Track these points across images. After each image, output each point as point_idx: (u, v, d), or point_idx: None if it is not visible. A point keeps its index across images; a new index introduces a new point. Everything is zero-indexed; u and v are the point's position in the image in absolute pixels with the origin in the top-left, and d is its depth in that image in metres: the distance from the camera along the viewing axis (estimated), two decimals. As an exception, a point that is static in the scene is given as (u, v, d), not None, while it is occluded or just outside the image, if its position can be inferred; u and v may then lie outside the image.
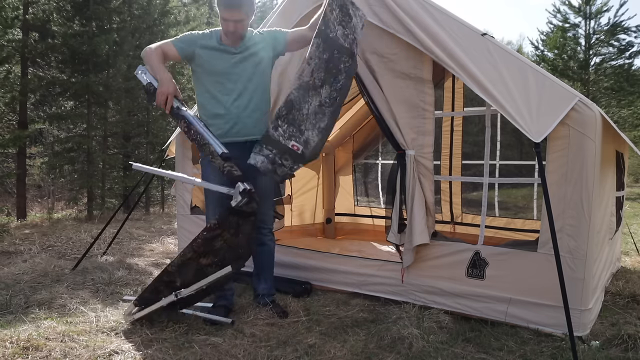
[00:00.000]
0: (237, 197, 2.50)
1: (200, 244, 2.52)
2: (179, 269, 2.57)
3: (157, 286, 2.61)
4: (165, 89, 2.60)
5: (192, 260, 2.55)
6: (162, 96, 2.59)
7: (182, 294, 2.56)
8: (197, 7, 11.50)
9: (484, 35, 2.76)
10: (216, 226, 2.53)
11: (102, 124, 8.24)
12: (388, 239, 3.13)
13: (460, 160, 4.91)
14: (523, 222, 4.71)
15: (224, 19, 2.65)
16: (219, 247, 2.57)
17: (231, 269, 2.47)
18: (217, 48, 2.75)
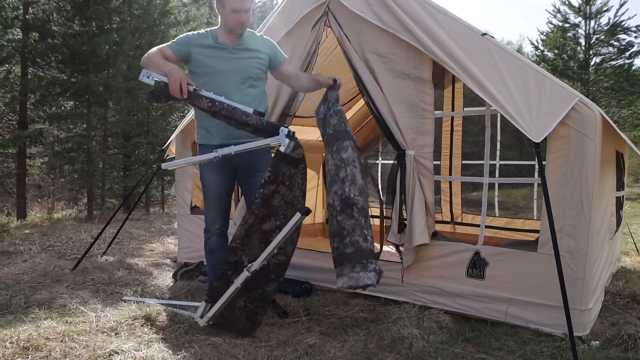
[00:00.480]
0: (284, 141, 2.44)
1: (260, 204, 2.43)
2: (243, 242, 2.46)
3: (224, 270, 2.49)
4: (176, 76, 2.54)
5: (254, 227, 2.46)
6: (176, 84, 2.54)
7: (254, 266, 2.42)
8: (197, 7, 11.49)
9: (484, 35, 2.76)
10: (271, 179, 2.44)
11: (102, 124, 8.23)
12: (388, 239, 3.13)
13: (460, 160, 4.91)
14: (523, 222, 4.71)
15: (236, 10, 2.62)
16: (277, 205, 2.48)
17: (300, 213, 2.36)
18: (214, 46, 2.74)
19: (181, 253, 4.26)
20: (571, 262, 2.59)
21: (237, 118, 2.52)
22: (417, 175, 3.01)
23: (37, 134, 9.87)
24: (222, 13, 2.69)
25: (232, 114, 2.53)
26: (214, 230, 2.87)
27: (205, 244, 2.91)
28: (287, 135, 2.45)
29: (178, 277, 3.73)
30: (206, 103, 2.56)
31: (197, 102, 2.59)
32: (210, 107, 2.55)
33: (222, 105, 2.54)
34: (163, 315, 2.81)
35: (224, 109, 2.53)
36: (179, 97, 2.56)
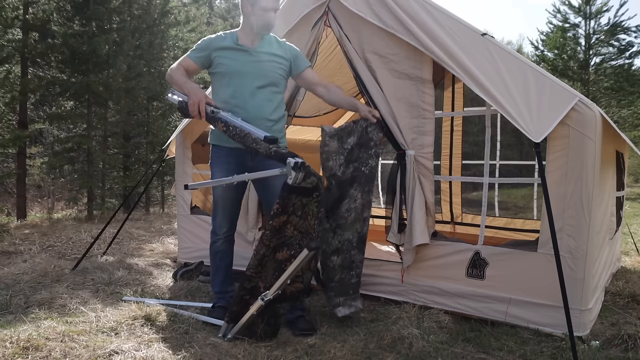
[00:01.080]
0: (291, 173, 2.32)
1: (270, 235, 2.39)
2: (257, 271, 2.43)
3: (242, 295, 2.48)
4: (195, 98, 2.56)
5: (268, 257, 2.42)
6: (194, 106, 2.56)
7: (267, 297, 2.40)
8: (197, 7, 11.49)
9: (484, 35, 2.76)
10: (279, 211, 2.36)
11: (102, 124, 8.23)
12: (388, 239, 3.13)
13: (460, 160, 4.91)
14: (523, 222, 4.71)
15: (266, 9, 2.61)
16: (290, 235, 2.43)
17: (307, 251, 2.27)
18: (235, 48, 2.71)
19: (181, 253, 4.26)
20: (571, 262, 2.59)
21: (248, 145, 2.50)
22: (418, 175, 3.01)
23: (37, 134, 9.86)
24: (250, 12, 2.66)
25: (244, 140, 2.51)
26: (221, 234, 2.85)
27: (211, 246, 2.89)
28: (294, 167, 2.31)
29: (178, 277, 3.73)
30: (221, 126, 2.57)
31: (213, 124, 2.62)
32: (225, 131, 2.57)
33: (235, 131, 2.52)
34: (163, 315, 2.81)
35: (236, 135, 2.52)
36: (198, 118, 2.60)
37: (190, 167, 4.24)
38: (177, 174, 4.32)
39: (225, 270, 2.90)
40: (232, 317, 2.52)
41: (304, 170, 2.33)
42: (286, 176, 2.35)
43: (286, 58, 2.78)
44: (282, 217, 2.38)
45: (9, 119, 7.73)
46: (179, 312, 2.85)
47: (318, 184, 2.41)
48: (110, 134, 8.51)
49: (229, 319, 2.53)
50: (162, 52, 9.43)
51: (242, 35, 2.74)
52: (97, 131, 8.20)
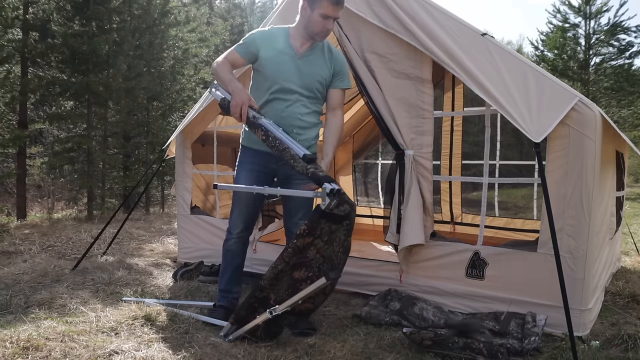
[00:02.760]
0: (325, 199, 2.28)
1: (291, 253, 2.34)
2: (272, 284, 2.40)
3: (252, 303, 2.46)
4: (238, 100, 2.50)
5: (285, 273, 2.37)
6: (237, 108, 2.50)
7: (276, 311, 2.36)
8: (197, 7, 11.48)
9: (484, 35, 2.76)
10: (306, 232, 2.30)
11: (102, 124, 8.23)
12: (386, 239, 3.13)
13: (460, 160, 4.91)
14: (523, 222, 4.71)
15: (327, 15, 2.51)
16: (311, 257, 2.36)
17: (325, 279, 2.22)
18: (282, 51, 2.64)
19: (181, 253, 4.26)
20: (571, 262, 2.59)
21: (285, 157, 2.45)
22: (416, 175, 3.01)
23: (37, 134, 9.87)
24: (307, 15, 2.56)
25: (282, 152, 2.45)
26: (235, 234, 2.84)
27: (224, 243, 2.90)
28: (329, 194, 2.27)
29: (178, 277, 3.73)
30: (261, 135, 2.51)
31: (253, 129, 2.56)
32: (264, 140, 2.50)
33: (274, 142, 2.46)
34: (163, 315, 2.81)
35: (275, 146, 2.46)
36: (238, 121, 2.55)
37: (190, 167, 4.24)
38: (177, 174, 4.32)
39: (234, 271, 2.89)
40: (238, 320, 2.50)
41: (338, 198, 2.29)
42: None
43: (329, 69, 2.69)
44: (308, 239, 2.33)
45: (9, 119, 7.72)
46: (179, 312, 2.84)
47: (350, 213, 2.36)
48: (110, 134, 8.51)
49: (233, 321, 2.51)
50: (162, 52, 9.43)
51: (295, 35, 2.66)
52: (97, 131, 8.20)
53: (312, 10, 2.53)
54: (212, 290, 3.43)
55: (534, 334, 2.46)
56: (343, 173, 5.64)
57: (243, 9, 28.19)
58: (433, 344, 2.36)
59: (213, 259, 3.89)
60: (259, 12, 29.30)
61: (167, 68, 9.55)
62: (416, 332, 2.43)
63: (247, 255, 3.01)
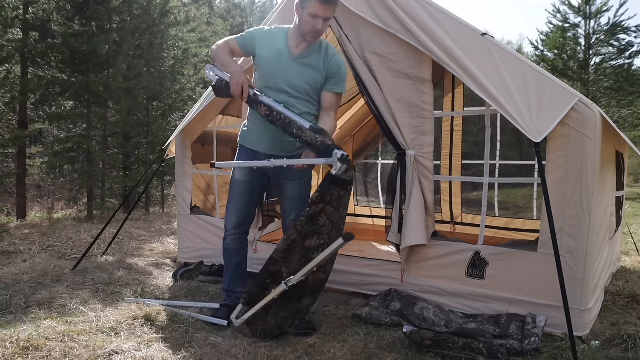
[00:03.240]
0: (336, 164, 2.35)
1: (304, 222, 2.40)
2: (284, 256, 2.43)
3: (264, 279, 2.47)
4: (239, 79, 2.53)
5: (297, 243, 2.42)
6: (238, 86, 2.52)
7: (291, 282, 2.39)
8: (197, 7, 11.48)
9: (484, 35, 2.76)
10: (318, 199, 2.39)
11: (102, 124, 8.23)
12: (388, 239, 3.13)
13: (460, 160, 4.91)
14: (523, 222, 4.71)
15: (315, 15, 2.50)
16: (322, 224, 2.44)
17: (343, 240, 2.26)
18: (279, 50, 2.66)
19: (181, 253, 4.26)
20: (571, 262, 2.59)
21: (290, 131, 2.47)
22: (418, 175, 3.01)
23: (37, 134, 9.86)
24: (299, 15, 2.59)
25: (288, 126, 2.47)
26: (229, 230, 2.86)
27: (223, 242, 2.92)
28: (340, 159, 2.34)
29: (178, 277, 3.73)
30: (264, 110, 2.52)
31: (255, 106, 2.57)
32: (268, 115, 2.52)
33: (279, 116, 2.49)
34: (163, 315, 2.81)
35: (280, 120, 2.48)
36: (240, 99, 2.57)
37: (190, 167, 4.24)
38: (177, 174, 4.32)
39: (234, 270, 2.90)
40: (249, 300, 2.50)
41: (347, 163, 2.37)
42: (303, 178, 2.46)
43: (322, 72, 2.67)
44: (320, 206, 2.41)
45: (9, 119, 7.72)
46: (179, 312, 2.84)
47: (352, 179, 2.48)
48: (110, 134, 8.51)
49: (245, 302, 2.51)
50: (162, 52, 9.43)
51: (292, 35, 2.68)
52: (97, 131, 8.20)
53: (303, 10, 2.56)
54: (212, 290, 3.43)
55: (534, 334, 2.46)
56: (343, 173, 5.63)
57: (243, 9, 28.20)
58: (433, 344, 2.36)
59: (213, 259, 3.89)
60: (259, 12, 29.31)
61: (167, 68, 9.55)
62: (416, 332, 2.43)
63: (247, 255, 3.02)
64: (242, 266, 2.93)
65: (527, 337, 2.45)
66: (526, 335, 2.46)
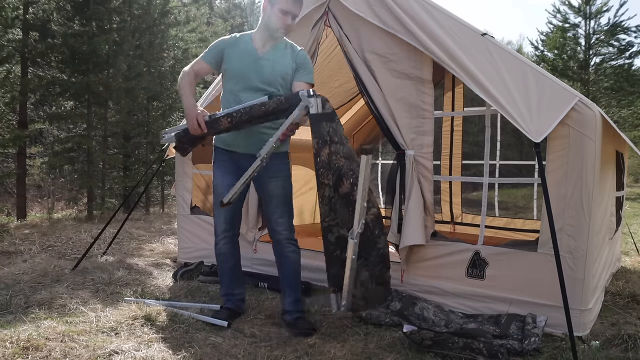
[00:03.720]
0: (310, 102, 2.37)
1: (324, 172, 2.36)
2: (332, 217, 2.38)
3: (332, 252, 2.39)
4: (191, 112, 2.59)
5: (333, 197, 2.38)
6: (193, 120, 2.58)
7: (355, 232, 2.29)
8: (197, 7, 11.49)
9: (484, 35, 2.76)
10: (319, 143, 2.37)
11: (102, 124, 8.23)
12: (387, 238, 3.12)
13: (460, 160, 4.91)
14: (523, 222, 4.71)
15: (285, 11, 2.60)
16: (341, 164, 2.40)
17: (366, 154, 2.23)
18: (244, 49, 2.70)
19: (181, 253, 4.26)
20: (571, 262, 2.59)
21: (258, 114, 2.47)
22: (417, 175, 3.01)
23: (37, 134, 9.86)
24: (268, 12, 2.65)
25: (252, 113, 2.48)
26: (220, 233, 2.84)
27: (214, 248, 2.89)
28: (309, 96, 2.37)
29: (178, 277, 3.73)
30: (225, 122, 2.53)
31: (217, 127, 2.58)
32: (231, 121, 2.52)
33: (240, 113, 2.50)
34: (163, 315, 2.81)
35: (243, 114, 2.49)
36: (200, 133, 2.59)
37: (191, 167, 4.24)
38: (177, 174, 4.32)
39: (230, 273, 2.89)
40: (336, 282, 2.39)
41: (319, 97, 2.38)
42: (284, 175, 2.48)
43: (292, 64, 2.71)
44: (325, 149, 2.37)
45: (9, 119, 7.72)
46: (179, 312, 2.84)
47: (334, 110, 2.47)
48: (110, 134, 8.51)
49: (334, 288, 2.42)
50: (162, 52, 9.43)
51: (257, 37, 2.73)
52: (97, 131, 8.20)
53: (272, 7, 2.63)
54: (212, 290, 3.43)
55: (534, 334, 2.47)
56: (343, 173, 5.63)
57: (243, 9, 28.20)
58: (433, 344, 2.36)
59: (213, 259, 3.86)
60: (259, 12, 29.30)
61: (167, 68, 9.55)
62: (416, 332, 2.43)
63: (247, 255, 3.01)
64: (236, 268, 2.92)
65: (527, 337, 2.45)
66: (526, 335, 2.46)
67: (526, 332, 2.49)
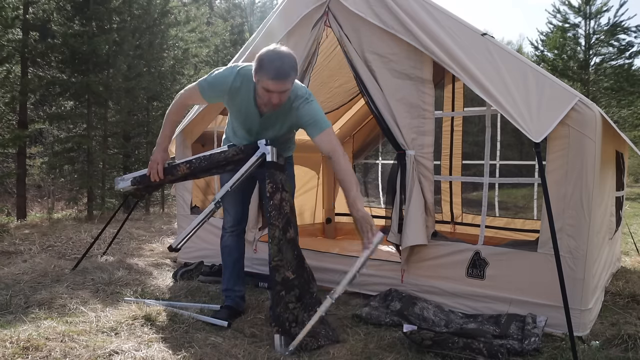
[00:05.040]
0: (266, 149, 2.51)
1: (275, 215, 2.44)
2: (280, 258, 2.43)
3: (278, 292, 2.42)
4: (156, 158, 2.63)
5: (282, 240, 2.45)
6: (153, 164, 2.63)
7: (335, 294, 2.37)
8: (197, 7, 11.48)
9: (484, 35, 2.76)
10: (274, 188, 2.47)
11: (102, 124, 8.23)
12: (388, 239, 3.12)
13: (461, 160, 4.91)
14: (523, 222, 4.71)
15: (268, 90, 2.33)
16: (287, 212, 2.51)
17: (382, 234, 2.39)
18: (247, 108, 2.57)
19: (181, 253, 4.26)
20: (571, 262, 2.59)
21: (217, 162, 2.58)
22: (418, 175, 3.01)
23: (37, 134, 9.85)
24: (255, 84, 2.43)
25: (211, 161, 2.59)
26: (227, 227, 2.92)
27: (220, 241, 2.96)
28: (266, 144, 2.52)
29: (178, 277, 3.73)
30: (184, 168, 2.63)
31: (175, 173, 2.66)
32: (189, 167, 2.62)
33: (199, 160, 2.60)
34: (163, 315, 2.81)
35: (202, 161, 2.59)
36: (157, 179, 2.64)
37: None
38: (177, 174, 4.32)
39: (233, 267, 2.91)
40: (280, 323, 2.39)
41: (274, 146, 2.55)
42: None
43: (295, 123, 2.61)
44: (278, 194, 2.49)
45: (9, 119, 7.72)
46: (179, 312, 2.84)
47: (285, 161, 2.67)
48: (110, 134, 8.51)
49: (278, 329, 2.39)
50: (162, 52, 9.42)
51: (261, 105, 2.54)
52: (97, 131, 8.19)
53: (257, 82, 2.38)
54: (212, 290, 3.43)
55: (534, 334, 2.46)
56: (343, 173, 5.63)
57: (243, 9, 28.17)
58: (433, 344, 2.36)
59: (213, 259, 3.89)
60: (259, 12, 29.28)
61: (167, 68, 9.55)
62: (416, 332, 2.43)
63: (247, 255, 3.02)
64: (240, 263, 2.95)
65: (527, 337, 2.45)
66: (526, 335, 2.46)
67: (526, 332, 2.49)
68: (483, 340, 2.33)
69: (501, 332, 2.51)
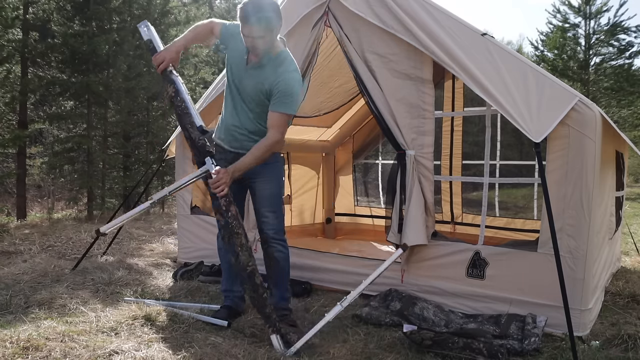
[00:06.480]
0: (212, 168, 2.53)
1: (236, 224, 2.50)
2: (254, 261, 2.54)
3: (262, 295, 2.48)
4: (165, 54, 2.61)
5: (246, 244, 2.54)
6: (159, 58, 2.60)
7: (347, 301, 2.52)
8: (197, 7, 11.50)
9: (484, 35, 2.76)
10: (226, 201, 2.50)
11: (102, 124, 8.23)
12: (388, 239, 3.13)
13: (461, 160, 4.91)
14: (523, 222, 4.71)
15: (243, 34, 2.50)
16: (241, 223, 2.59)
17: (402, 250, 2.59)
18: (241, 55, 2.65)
19: (181, 253, 4.26)
20: (571, 262, 2.59)
21: (183, 124, 2.58)
22: (418, 175, 3.01)
23: (37, 134, 9.85)
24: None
25: (183, 117, 2.58)
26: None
27: (217, 239, 2.95)
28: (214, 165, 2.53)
29: (178, 277, 3.73)
30: (172, 90, 2.61)
31: (166, 83, 2.65)
32: (173, 96, 2.61)
33: (180, 103, 2.59)
34: (163, 315, 2.81)
35: (179, 107, 2.59)
36: (156, 64, 2.63)
37: (191, 167, 4.24)
38: (177, 174, 4.32)
39: (231, 268, 2.90)
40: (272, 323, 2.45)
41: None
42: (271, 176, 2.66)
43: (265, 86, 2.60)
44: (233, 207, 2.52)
45: (9, 119, 7.72)
46: (179, 312, 2.84)
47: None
48: (110, 134, 8.51)
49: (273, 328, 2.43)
50: (162, 52, 9.41)
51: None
52: (97, 131, 8.20)
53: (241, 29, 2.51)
54: (212, 290, 3.43)
55: (534, 334, 2.47)
56: (343, 173, 5.63)
57: (243, 9, 28.11)
58: (433, 344, 2.36)
59: (213, 259, 3.89)
60: (259, 12, 29.21)
61: (167, 68, 9.52)
62: (416, 332, 2.43)
63: None
64: None
65: (527, 337, 2.45)
66: (526, 335, 2.47)
67: (526, 332, 2.49)
68: (483, 340, 2.33)
69: (501, 332, 2.51)
